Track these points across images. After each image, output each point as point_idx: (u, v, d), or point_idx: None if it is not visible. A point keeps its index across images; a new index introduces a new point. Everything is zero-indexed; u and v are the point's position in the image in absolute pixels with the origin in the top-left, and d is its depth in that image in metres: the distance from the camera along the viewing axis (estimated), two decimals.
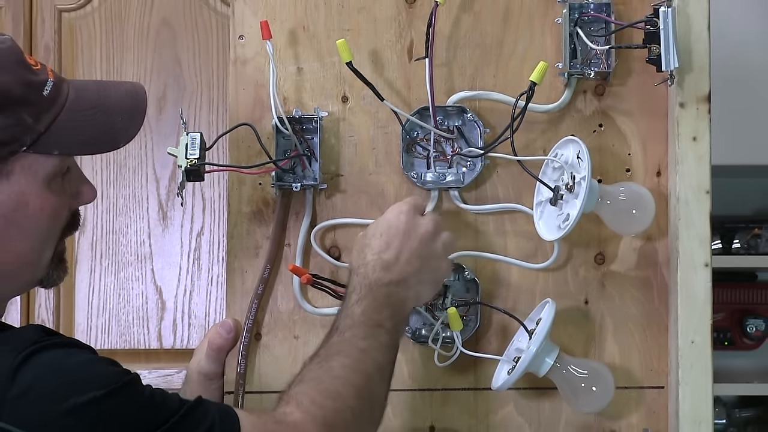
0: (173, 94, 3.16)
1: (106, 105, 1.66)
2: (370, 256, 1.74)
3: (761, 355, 3.72)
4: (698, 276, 1.82)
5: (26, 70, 1.59)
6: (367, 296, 1.71)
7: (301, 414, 1.59)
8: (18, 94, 1.56)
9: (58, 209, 1.64)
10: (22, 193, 1.58)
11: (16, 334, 1.54)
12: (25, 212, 1.59)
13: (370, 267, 1.73)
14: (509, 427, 1.92)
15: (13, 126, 1.55)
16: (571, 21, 1.90)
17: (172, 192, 3.14)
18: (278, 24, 1.97)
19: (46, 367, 1.47)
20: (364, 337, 1.68)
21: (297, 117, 1.93)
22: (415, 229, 1.75)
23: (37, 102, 1.58)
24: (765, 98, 3.51)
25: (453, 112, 1.94)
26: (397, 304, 1.73)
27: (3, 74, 1.55)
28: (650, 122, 1.93)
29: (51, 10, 3.21)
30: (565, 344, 1.88)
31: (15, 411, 1.43)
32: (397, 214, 1.76)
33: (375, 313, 1.70)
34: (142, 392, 1.52)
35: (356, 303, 1.71)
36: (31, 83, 1.58)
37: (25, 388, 1.44)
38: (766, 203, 3.77)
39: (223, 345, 1.88)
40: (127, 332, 3.16)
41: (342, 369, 1.65)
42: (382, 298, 1.71)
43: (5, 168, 1.56)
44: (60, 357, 1.49)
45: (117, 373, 1.52)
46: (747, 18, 3.51)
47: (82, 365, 1.51)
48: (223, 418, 1.54)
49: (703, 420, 1.81)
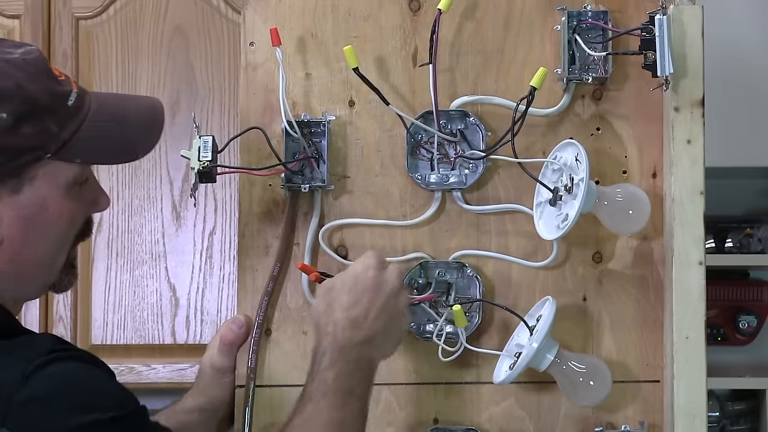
0: (186, 99, 3.17)
1: (125, 118, 1.67)
2: (339, 313, 1.70)
3: (753, 350, 3.71)
4: (692, 274, 1.82)
5: (53, 80, 1.59)
6: (339, 360, 1.67)
7: None
8: (45, 103, 1.57)
9: (76, 215, 1.64)
10: (43, 197, 1.58)
11: (33, 341, 1.54)
12: (44, 216, 1.59)
13: (339, 326, 1.69)
14: (510, 419, 1.92)
15: (39, 133, 1.56)
16: (570, 28, 1.90)
17: (186, 193, 3.15)
18: (287, 31, 1.97)
19: (58, 380, 1.46)
20: (340, 406, 1.65)
21: (305, 121, 1.93)
22: (383, 285, 1.72)
23: (62, 111, 1.58)
24: (757, 102, 3.50)
25: (456, 116, 1.94)
26: (366, 367, 1.70)
27: (32, 84, 1.56)
28: (646, 126, 1.93)
29: (68, 17, 3.22)
30: (563, 340, 1.88)
31: (19, 417, 1.43)
32: (364, 270, 1.73)
33: (347, 378, 1.66)
34: (147, 426, 1.51)
35: (328, 368, 1.67)
36: (57, 93, 1.59)
37: (33, 396, 1.44)
38: (758, 204, 3.76)
39: (235, 340, 1.88)
40: (142, 328, 3.17)
41: None
42: (353, 362, 1.68)
43: (29, 173, 1.57)
44: (73, 371, 1.49)
45: (126, 399, 1.51)
46: (739, 23, 3.50)
47: (94, 384, 1.50)
48: None
49: (697, 413, 1.81)
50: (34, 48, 1.62)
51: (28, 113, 1.55)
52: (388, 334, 1.73)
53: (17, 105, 1.54)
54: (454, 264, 1.92)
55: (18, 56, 1.58)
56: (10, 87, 1.54)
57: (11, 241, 1.58)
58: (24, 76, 1.56)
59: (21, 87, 1.55)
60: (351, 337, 1.68)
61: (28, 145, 1.55)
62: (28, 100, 1.55)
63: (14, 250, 1.59)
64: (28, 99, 1.55)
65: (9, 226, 1.57)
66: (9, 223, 1.57)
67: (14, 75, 1.55)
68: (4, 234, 1.57)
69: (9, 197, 1.56)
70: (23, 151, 1.55)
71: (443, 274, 1.92)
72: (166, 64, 3.20)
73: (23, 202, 1.57)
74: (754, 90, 3.50)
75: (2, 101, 1.53)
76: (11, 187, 1.56)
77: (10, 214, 1.57)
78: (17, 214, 1.57)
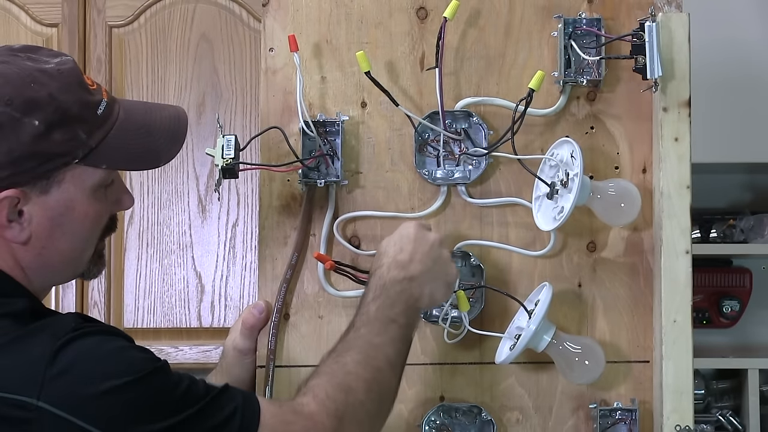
0: (211, 101, 3.17)
1: (151, 127, 1.66)
2: (386, 259, 1.73)
3: (736, 333, 3.70)
4: (680, 262, 1.81)
5: (84, 90, 1.59)
6: (382, 294, 1.70)
7: (316, 406, 1.58)
8: (76, 113, 1.56)
9: (101, 215, 1.64)
10: (70, 199, 1.58)
11: (57, 320, 1.54)
12: (71, 216, 1.59)
13: (384, 268, 1.72)
14: (511, 396, 1.91)
15: (69, 140, 1.55)
16: (566, 34, 1.90)
17: (210, 188, 3.15)
18: (304, 38, 1.96)
19: (84, 353, 1.47)
20: (378, 333, 1.67)
21: (321, 121, 1.92)
22: (426, 237, 1.75)
23: (91, 120, 1.58)
24: (740, 102, 3.50)
25: (460, 116, 1.93)
26: (410, 300, 1.71)
27: (65, 94, 1.55)
28: (636, 125, 1.92)
29: (102, 26, 3.22)
30: (560, 323, 1.88)
31: (53, 390, 1.43)
32: (407, 227, 1.76)
33: (388, 309, 1.69)
34: (170, 379, 1.51)
35: (372, 302, 1.70)
36: (88, 103, 1.58)
37: (63, 370, 1.44)
38: (740, 197, 3.75)
39: (256, 324, 1.88)
40: (170, 313, 3.17)
41: (354, 365, 1.64)
42: (396, 295, 1.70)
43: (58, 176, 1.56)
44: (96, 343, 1.49)
45: (148, 359, 1.51)
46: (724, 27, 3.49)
47: (117, 351, 1.50)
48: (246, 405, 1.54)
49: (684, 391, 1.80)
50: (69, 59, 1.61)
51: (59, 121, 1.54)
52: (433, 275, 1.74)
53: (49, 114, 1.53)
54: (459, 253, 1.91)
55: (53, 66, 1.57)
56: (43, 96, 1.53)
57: (39, 237, 1.58)
58: (57, 85, 1.55)
59: (53, 97, 1.54)
60: (395, 276, 1.71)
61: (57, 151, 1.55)
62: (59, 110, 1.54)
63: (42, 245, 1.59)
64: (60, 108, 1.54)
65: (37, 225, 1.57)
66: (38, 222, 1.57)
67: (48, 84, 1.55)
68: (33, 231, 1.57)
69: (38, 197, 1.56)
70: (53, 157, 1.55)
71: None
72: (192, 68, 3.20)
73: (51, 203, 1.57)
74: (737, 91, 3.49)
75: (35, 109, 1.53)
76: (40, 188, 1.56)
77: (39, 214, 1.57)
78: (45, 214, 1.57)
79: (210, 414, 1.50)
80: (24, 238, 1.57)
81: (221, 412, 1.51)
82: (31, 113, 1.53)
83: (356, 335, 1.68)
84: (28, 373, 1.45)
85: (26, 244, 1.58)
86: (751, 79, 3.50)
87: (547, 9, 1.95)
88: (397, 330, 1.69)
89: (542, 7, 1.95)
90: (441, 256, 1.76)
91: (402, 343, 1.70)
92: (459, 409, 1.90)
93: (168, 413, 1.48)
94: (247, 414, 1.53)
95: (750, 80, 3.50)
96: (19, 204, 1.55)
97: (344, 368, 1.63)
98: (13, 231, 1.57)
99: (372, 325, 1.68)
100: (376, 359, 1.66)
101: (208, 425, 1.50)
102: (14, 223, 1.56)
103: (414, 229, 1.75)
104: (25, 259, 1.59)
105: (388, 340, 1.68)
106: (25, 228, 1.57)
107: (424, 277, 1.73)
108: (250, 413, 1.53)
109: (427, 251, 1.74)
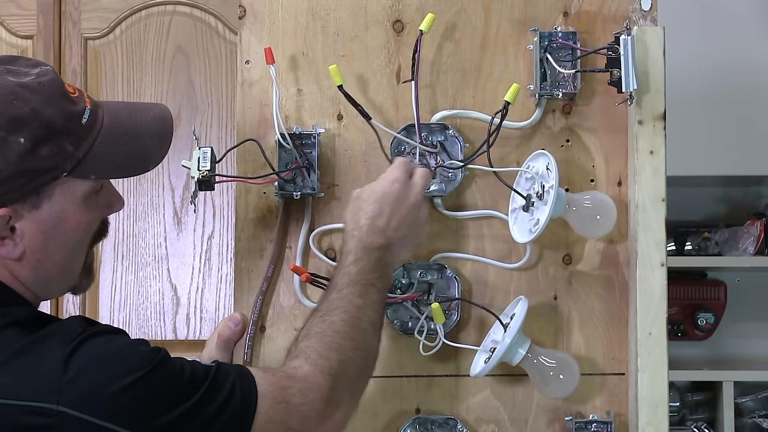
0: (187, 113, 3.17)
1: (137, 131, 1.66)
2: (364, 220, 1.74)
3: (711, 345, 3.72)
4: (655, 274, 1.82)
5: (67, 101, 1.58)
6: (362, 258, 1.72)
7: (310, 366, 1.61)
8: (61, 126, 1.55)
9: (93, 222, 1.65)
10: (62, 211, 1.58)
11: (63, 325, 1.55)
12: (64, 228, 1.59)
13: (364, 231, 1.74)
14: (486, 409, 1.92)
15: (56, 154, 1.55)
16: (542, 48, 1.90)
17: (186, 200, 3.15)
18: (281, 50, 1.96)
19: (94, 354, 1.48)
20: (360, 295, 1.70)
21: (297, 133, 1.92)
22: (407, 197, 1.77)
23: (77, 131, 1.57)
24: (715, 115, 3.52)
25: (436, 129, 1.93)
26: (385, 267, 1.75)
27: (48, 108, 1.55)
28: (612, 138, 1.93)
29: (78, 38, 3.22)
30: (536, 336, 1.88)
31: (71, 394, 1.45)
32: (391, 182, 1.77)
33: (368, 273, 1.72)
34: (175, 366, 1.53)
35: (352, 263, 1.72)
36: (72, 114, 1.57)
37: (78, 373, 1.46)
38: (715, 210, 3.77)
39: (232, 336, 1.87)
40: (146, 325, 3.16)
41: (342, 324, 1.67)
42: (375, 261, 1.73)
43: (48, 191, 1.56)
44: (104, 343, 1.51)
45: (153, 351, 1.53)
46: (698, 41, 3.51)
47: (124, 348, 1.52)
48: (242, 379, 1.56)
49: (659, 403, 1.80)
50: (48, 68, 1.60)
51: (45, 136, 1.53)
52: (405, 241, 1.78)
53: (35, 129, 1.53)
54: (435, 265, 1.92)
55: (33, 78, 1.57)
56: (27, 112, 1.53)
57: (33, 251, 1.58)
58: (40, 100, 1.54)
59: (37, 112, 1.53)
60: (373, 241, 1.74)
61: (45, 166, 1.54)
62: (44, 124, 1.53)
63: (36, 258, 1.59)
64: (44, 123, 1.54)
65: (30, 239, 1.57)
66: (30, 237, 1.57)
67: (30, 100, 1.54)
68: (26, 246, 1.57)
69: (29, 213, 1.56)
70: (41, 172, 1.55)
71: (424, 275, 1.91)
72: (168, 80, 3.19)
73: (43, 217, 1.57)
74: (712, 104, 3.51)
75: (20, 127, 1.52)
76: (31, 203, 1.56)
77: (31, 229, 1.57)
78: (38, 228, 1.57)
79: (214, 394, 1.53)
80: (18, 254, 1.57)
81: (222, 390, 1.53)
82: (16, 131, 1.52)
83: (340, 296, 1.70)
84: (43, 380, 1.46)
85: (21, 260, 1.58)
86: (726, 91, 3.53)
87: (522, 22, 1.95)
88: (376, 293, 1.72)
89: (518, 21, 1.96)
90: (417, 220, 1.79)
91: (380, 305, 1.74)
92: (435, 421, 1.90)
93: (181, 398, 1.50)
94: (244, 388, 1.55)
95: (725, 93, 3.53)
96: (11, 221, 1.55)
97: (332, 327, 1.66)
98: (7, 248, 1.57)
99: (354, 287, 1.71)
100: (360, 320, 1.69)
101: (214, 406, 1.52)
102: (7, 240, 1.56)
103: (397, 185, 1.77)
104: (21, 273, 1.59)
105: (369, 302, 1.71)
106: (18, 244, 1.57)
107: (398, 244, 1.76)
108: (247, 386, 1.55)
109: (404, 215, 1.76)
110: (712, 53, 3.54)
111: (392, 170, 1.79)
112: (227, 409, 1.52)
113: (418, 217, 1.79)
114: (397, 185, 1.77)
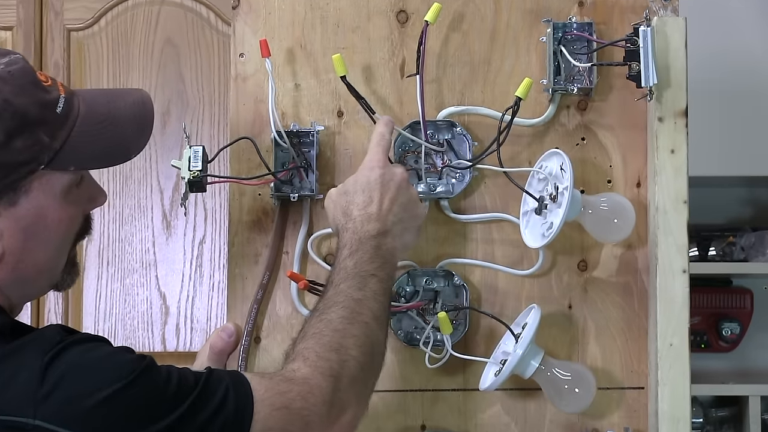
0: (177, 110, 3.17)
1: (115, 118, 1.66)
2: (356, 212, 1.75)
3: (736, 357, 3.72)
4: (676, 282, 1.82)
5: (40, 89, 1.58)
6: (359, 250, 1.72)
7: (309, 369, 1.60)
8: (34, 115, 1.55)
9: (74, 217, 1.64)
10: (41, 207, 1.58)
11: (40, 335, 1.54)
12: (44, 224, 1.59)
13: (357, 222, 1.74)
14: (496, 425, 1.92)
15: (31, 146, 1.55)
16: (555, 40, 1.91)
17: (176, 202, 3.15)
18: (277, 43, 1.97)
19: (72, 365, 1.47)
20: (359, 287, 1.69)
21: (294, 131, 1.92)
22: (392, 179, 1.77)
23: (52, 121, 1.57)
24: (739, 112, 3.51)
25: (443, 126, 1.94)
26: (386, 254, 1.74)
27: (19, 97, 1.55)
28: (630, 136, 1.93)
29: (60, 29, 3.22)
30: (549, 347, 1.88)
31: (48, 408, 1.44)
32: (371, 169, 1.77)
33: (366, 264, 1.71)
34: (161, 375, 1.52)
35: (348, 257, 1.72)
36: (46, 103, 1.57)
37: (55, 386, 1.45)
38: (741, 212, 3.77)
39: (225, 348, 1.87)
40: (133, 336, 3.16)
41: (341, 321, 1.66)
42: (372, 249, 1.72)
43: (25, 185, 1.56)
44: (83, 353, 1.50)
45: (135, 360, 1.52)
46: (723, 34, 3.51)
47: (104, 358, 1.51)
48: (236, 385, 1.55)
49: (681, 419, 1.81)
50: (18, 57, 1.60)
51: (19, 128, 1.53)
52: (405, 223, 1.78)
53: (7, 121, 1.53)
54: (441, 272, 1.92)
55: (2, 68, 1.56)
56: None
57: (12, 251, 1.58)
58: (10, 89, 1.54)
59: (9, 102, 1.53)
60: (369, 230, 1.73)
61: (21, 159, 1.54)
62: (17, 115, 1.53)
63: (16, 259, 1.59)
64: (17, 113, 1.54)
65: (9, 238, 1.57)
66: (9, 235, 1.57)
67: (1, 90, 1.54)
68: (5, 246, 1.57)
69: (6, 211, 1.56)
70: (17, 166, 1.55)
71: (430, 283, 1.91)
72: (156, 75, 3.20)
73: (21, 214, 1.57)
74: (737, 100, 3.51)
75: None
76: (8, 200, 1.56)
77: (10, 227, 1.57)
78: (17, 226, 1.57)
79: (204, 403, 1.52)
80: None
81: (214, 397, 1.52)
82: None
83: (336, 291, 1.69)
84: (20, 393, 1.45)
85: (0, 261, 1.58)
86: (751, 87, 3.53)
87: (535, 13, 1.96)
88: (378, 284, 1.71)
89: (530, 11, 1.96)
90: (409, 200, 1.79)
91: (384, 296, 1.72)
92: None
93: (167, 409, 1.49)
94: (239, 394, 1.54)
95: (750, 89, 3.53)
96: None
97: (330, 326, 1.65)
98: None
99: (352, 281, 1.70)
100: (361, 314, 1.68)
101: (204, 416, 1.51)
102: None
103: (379, 170, 1.77)
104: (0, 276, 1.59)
105: (370, 294, 1.70)
106: None
107: (396, 228, 1.76)
108: (242, 393, 1.54)
109: (394, 197, 1.76)
110: (736, 44, 3.54)
111: (369, 159, 1.80)
112: (219, 417, 1.52)
113: (410, 195, 1.79)
114: (378, 169, 1.77)
